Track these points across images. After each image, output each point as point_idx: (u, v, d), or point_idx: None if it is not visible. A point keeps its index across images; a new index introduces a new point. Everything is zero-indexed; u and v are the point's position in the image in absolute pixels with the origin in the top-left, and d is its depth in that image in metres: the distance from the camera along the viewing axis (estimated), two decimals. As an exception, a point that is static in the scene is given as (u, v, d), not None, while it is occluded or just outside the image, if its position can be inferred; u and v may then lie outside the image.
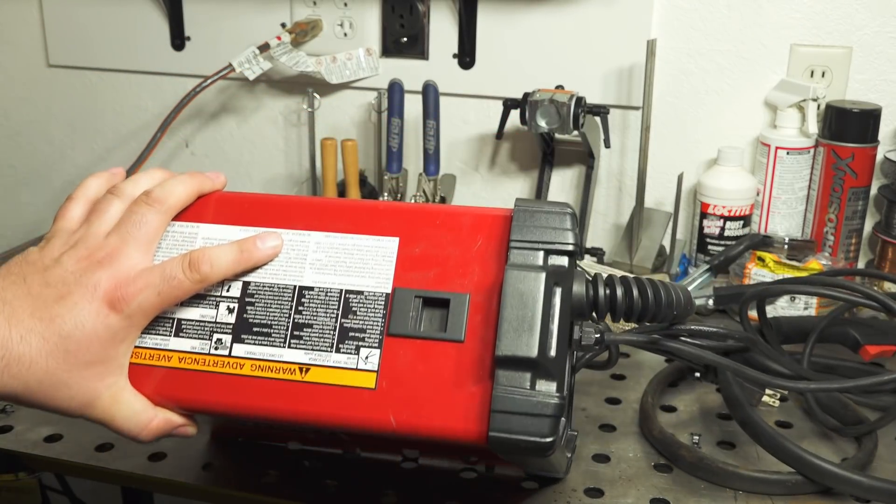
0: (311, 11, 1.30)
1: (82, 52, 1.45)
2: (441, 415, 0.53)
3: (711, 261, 1.12)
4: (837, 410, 0.84)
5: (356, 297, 0.57)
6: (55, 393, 0.52)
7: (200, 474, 0.75)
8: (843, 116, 1.09)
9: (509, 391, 0.52)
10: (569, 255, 0.56)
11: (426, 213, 0.59)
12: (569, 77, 1.21)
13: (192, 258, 0.56)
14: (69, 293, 0.53)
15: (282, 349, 0.57)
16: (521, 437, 0.52)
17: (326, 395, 0.55)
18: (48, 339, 0.51)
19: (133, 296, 0.54)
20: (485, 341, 0.54)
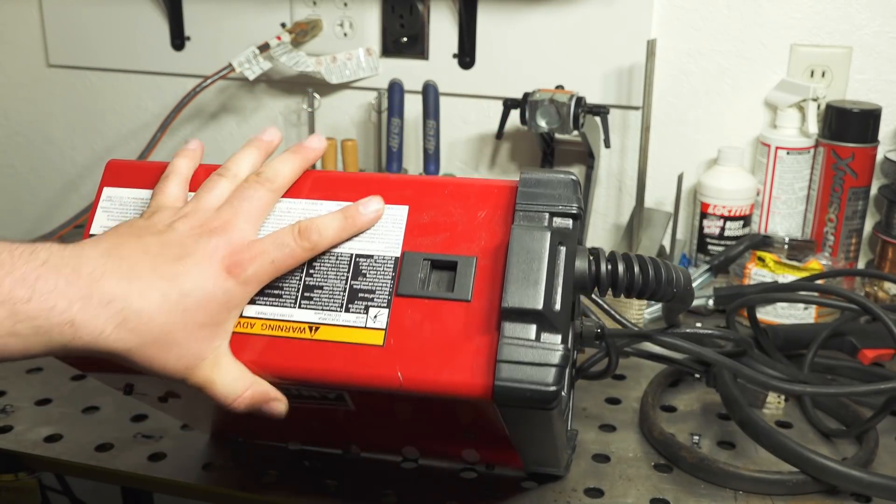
0: (311, 11, 1.30)
1: (82, 52, 1.45)
2: (447, 369, 0.54)
3: (711, 261, 1.12)
4: (837, 411, 0.84)
5: (366, 261, 0.58)
6: (166, 352, 0.52)
7: (200, 474, 0.75)
8: (843, 116, 1.09)
9: (515, 342, 0.53)
10: (573, 218, 0.58)
11: (435, 184, 0.60)
12: (569, 77, 1.21)
13: (301, 228, 0.57)
14: (189, 254, 0.54)
15: (292, 309, 0.58)
16: (527, 385, 0.53)
17: (335, 353, 0.56)
18: (168, 296, 0.52)
19: (249, 262, 0.55)
20: (491, 301, 0.55)
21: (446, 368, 0.54)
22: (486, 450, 0.71)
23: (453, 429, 0.66)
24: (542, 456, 0.70)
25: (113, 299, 0.50)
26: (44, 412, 0.84)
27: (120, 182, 0.64)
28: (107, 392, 0.88)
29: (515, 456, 0.71)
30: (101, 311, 0.49)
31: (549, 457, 0.70)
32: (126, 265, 0.52)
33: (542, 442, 0.65)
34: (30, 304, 0.47)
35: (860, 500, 0.72)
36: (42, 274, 0.48)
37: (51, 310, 0.47)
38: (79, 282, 0.49)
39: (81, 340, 0.49)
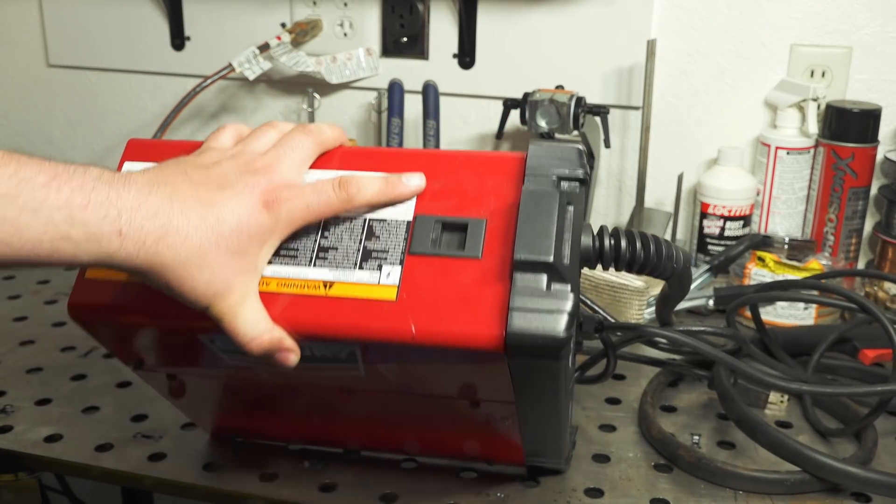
0: (311, 11, 1.30)
1: (82, 52, 1.45)
2: (459, 321, 0.56)
3: (711, 261, 1.12)
4: (838, 411, 0.84)
5: (379, 224, 0.60)
6: (197, 273, 0.54)
7: (200, 474, 0.75)
8: (843, 116, 1.09)
9: (526, 291, 0.55)
10: (580, 182, 0.60)
11: (447, 156, 0.63)
12: (569, 77, 1.21)
13: (342, 179, 0.59)
14: (230, 185, 0.56)
15: (307, 268, 0.59)
16: (538, 331, 0.54)
17: (349, 307, 0.58)
18: (205, 219, 0.54)
19: (285, 200, 0.57)
20: (502, 258, 0.57)
21: (458, 320, 0.56)
22: (488, 437, 0.71)
23: (459, 406, 0.66)
24: (545, 438, 0.69)
25: (157, 213, 0.52)
26: (44, 412, 0.84)
27: (140, 158, 0.65)
28: (107, 392, 0.88)
29: (517, 448, 0.71)
30: (145, 223, 0.52)
31: (552, 440, 0.69)
32: (170, 188, 0.54)
33: (547, 413, 0.65)
34: (86, 212, 0.50)
35: (860, 499, 0.72)
36: (96, 186, 0.51)
37: (103, 218, 0.51)
38: (128, 196, 0.52)
39: (125, 251, 0.52)
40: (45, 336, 1.00)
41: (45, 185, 0.49)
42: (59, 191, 0.50)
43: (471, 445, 0.72)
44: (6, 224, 0.48)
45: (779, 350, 0.91)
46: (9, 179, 0.49)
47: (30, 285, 1.15)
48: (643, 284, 0.97)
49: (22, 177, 0.49)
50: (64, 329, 1.02)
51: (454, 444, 0.73)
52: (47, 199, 0.49)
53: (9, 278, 1.17)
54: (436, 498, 0.71)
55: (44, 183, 0.49)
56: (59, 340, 0.99)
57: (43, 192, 0.49)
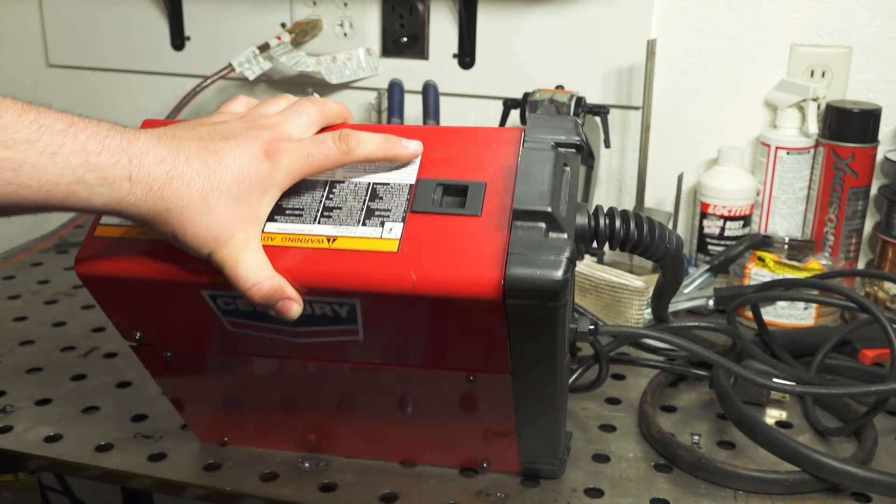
0: (311, 11, 1.30)
1: (82, 52, 1.45)
2: (459, 269, 0.57)
3: (711, 261, 1.12)
4: (839, 411, 0.84)
5: (383, 187, 0.62)
6: (199, 218, 0.57)
7: (200, 474, 0.75)
8: (843, 116, 1.09)
9: (525, 238, 0.57)
10: (576, 149, 0.63)
11: (450, 130, 0.66)
12: (569, 77, 1.21)
13: (342, 132, 0.62)
14: (233, 136, 0.59)
15: (311, 225, 0.61)
16: (536, 275, 0.56)
17: (351, 259, 0.59)
18: (208, 166, 0.57)
19: (286, 150, 0.60)
20: (501, 215, 0.59)
21: (458, 268, 0.57)
22: (484, 433, 0.71)
23: (455, 386, 0.66)
24: (540, 431, 0.69)
25: (163, 160, 0.55)
26: (44, 412, 0.84)
27: None
28: (107, 392, 0.88)
29: (512, 446, 0.71)
30: (152, 169, 0.55)
31: (547, 433, 0.69)
32: (177, 140, 0.57)
33: (543, 393, 0.65)
34: (100, 157, 0.53)
35: (859, 499, 0.72)
36: (110, 134, 0.54)
37: (115, 163, 0.54)
38: (138, 144, 0.55)
39: (133, 197, 0.55)
40: (45, 336, 1.00)
41: (63, 132, 0.53)
42: (76, 137, 0.53)
43: (466, 443, 0.72)
44: (27, 167, 0.51)
45: (780, 350, 0.91)
46: (29, 125, 0.52)
47: (30, 285, 1.15)
48: (643, 284, 0.97)
49: (42, 123, 0.52)
50: (64, 329, 1.02)
51: (449, 442, 0.73)
52: (65, 144, 0.53)
53: (9, 278, 1.17)
54: (436, 498, 0.71)
55: (62, 130, 0.53)
56: (59, 340, 0.99)
57: (61, 137, 0.53)
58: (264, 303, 0.59)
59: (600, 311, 1.00)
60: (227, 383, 0.73)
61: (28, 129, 0.52)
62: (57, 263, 1.23)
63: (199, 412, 0.77)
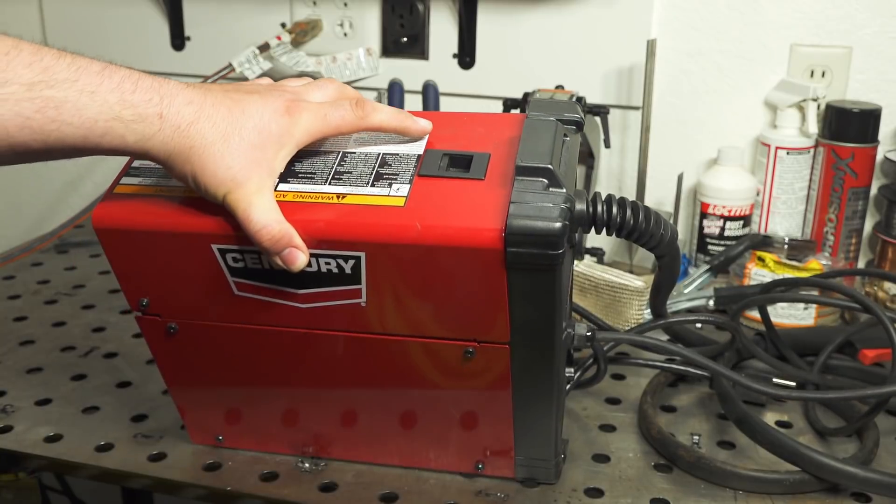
0: (311, 11, 1.30)
1: (82, 52, 1.45)
2: (462, 220, 0.60)
3: (711, 261, 1.12)
4: (841, 410, 0.84)
5: (392, 157, 0.66)
6: (220, 158, 0.60)
7: (200, 474, 0.75)
8: (843, 116, 1.09)
9: (526, 191, 0.60)
10: (576, 125, 0.67)
11: (455, 114, 0.71)
12: (569, 77, 1.21)
13: (359, 99, 0.66)
14: (258, 92, 0.63)
15: (322, 186, 0.64)
16: (536, 222, 0.58)
17: (358, 211, 0.62)
18: (232, 111, 0.61)
19: (305, 109, 0.63)
20: (504, 178, 0.62)
21: (461, 219, 0.60)
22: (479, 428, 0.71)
23: (454, 354, 0.66)
24: (536, 425, 0.69)
25: (192, 101, 0.59)
26: (44, 412, 0.84)
27: None
28: (107, 392, 0.88)
29: (509, 449, 0.71)
30: (182, 108, 0.59)
31: (543, 428, 0.69)
32: (204, 89, 0.61)
33: (541, 378, 0.66)
34: (134, 95, 0.57)
35: (859, 499, 0.72)
36: (142, 76, 0.58)
37: (148, 101, 0.57)
38: (168, 86, 0.59)
39: (163, 134, 0.58)
40: (45, 336, 1.00)
41: (100, 73, 0.56)
42: (111, 77, 0.57)
43: (462, 444, 0.72)
44: (68, 104, 0.55)
45: (787, 349, 0.91)
46: (68, 66, 0.55)
47: (30, 285, 1.15)
48: (643, 284, 0.97)
49: (79, 65, 0.56)
50: (64, 329, 1.02)
51: (445, 443, 0.73)
52: (102, 83, 0.56)
53: (9, 278, 1.17)
54: (436, 498, 0.71)
55: (98, 71, 0.56)
56: (59, 340, 0.99)
57: (98, 77, 0.56)
58: (272, 247, 0.61)
59: (600, 312, 1.00)
60: (228, 364, 0.73)
61: (68, 70, 0.55)
62: (57, 263, 1.23)
63: (196, 402, 0.76)
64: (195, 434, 0.78)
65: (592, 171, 1.20)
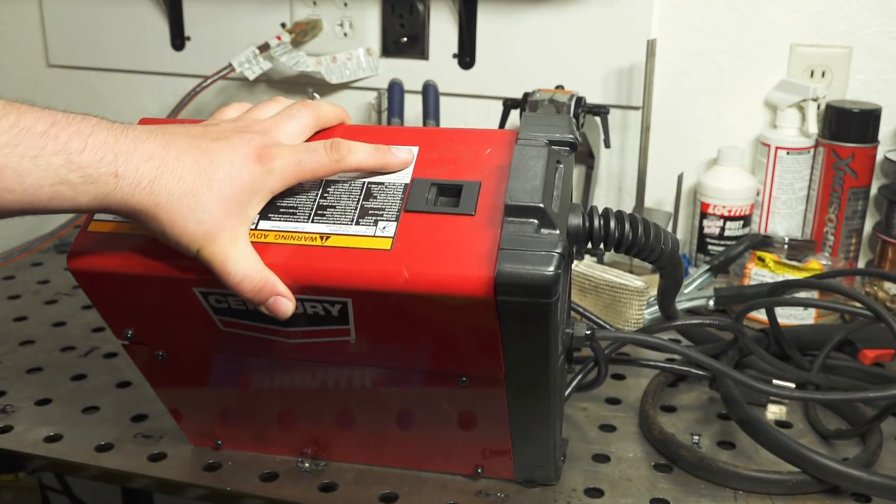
0: (311, 11, 1.30)
1: (82, 52, 1.45)
2: (451, 266, 0.57)
3: (711, 261, 1.12)
4: (843, 411, 0.83)
5: (377, 186, 0.63)
6: (189, 213, 0.57)
7: (200, 474, 0.75)
8: (843, 116, 1.09)
9: (516, 234, 0.57)
10: (569, 147, 0.63)
11: (444, 131, 0.67)
12: (569, 77, 1.21)
13: (333, 142, 0.62)
14: (226, 138, 0.60)
15: (305, 224, 0.61)
16: (527, 269, 0.56)
17: (344, 256, 0.59)
18: (199, 163, 0.57)
19: (278, 156, 0.60)
20: (494, 214, 0.59)
21: (450, 266, 0.57)
22: (477, 437, 0.70)
23: (447, 389, 0.66)
24: (534, 433, 0.69)
25: (152, 157, 0.56)
26: (44, 412, 0.84)
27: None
28: (107, 392, 0.88)
29: (508, 453, 0.71)
30: (141, 165, 0.55)
31: (540, 437, 0.69)
32: (167, 137, 0.58)
33: (537, 384, 0.65)
34: (83, 155, 0.53)
35: (860, 500, 0.72)
36: (94, 131, 0.54)
37: (100, 161, 0.54)
38: (125, 140, 0.55)
39: (121, 192, 0.55)
40: (45, 336, 1.00)
41: (44, 134, 0.53)
42: (57, 137, 0.53)
43: (460, 449, 0.72)
44: (8, 171, 0.52)
45: (792, 349, 0.91)
46: (9, 129, 0.52)
47: (30, 285, 1.15)
48: (643, 284, 0.97)
49: (22, 126, 0.52)
50: (64, 329, 1.02)
51: (443, 448, 0.73)
52: (46, 146, 0.52)
53: (9, 278, 1.17)
54: (435, 498, 0.71)
55: (42, 132, 0.53)
56: (59, 340, 0.99)
57: (42, 140, 0.52)
58: (254, 297, 0.59)
59: (600, 312, 1.00)
60: (220, 385, 0.73)
61: (8, 134, 0.52)
62: (57, 263, 1.23)
63: (192, 414, 0.76)
64: (193, 439, 0.78)
65: (592, 171, 1.20)
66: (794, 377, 0.85)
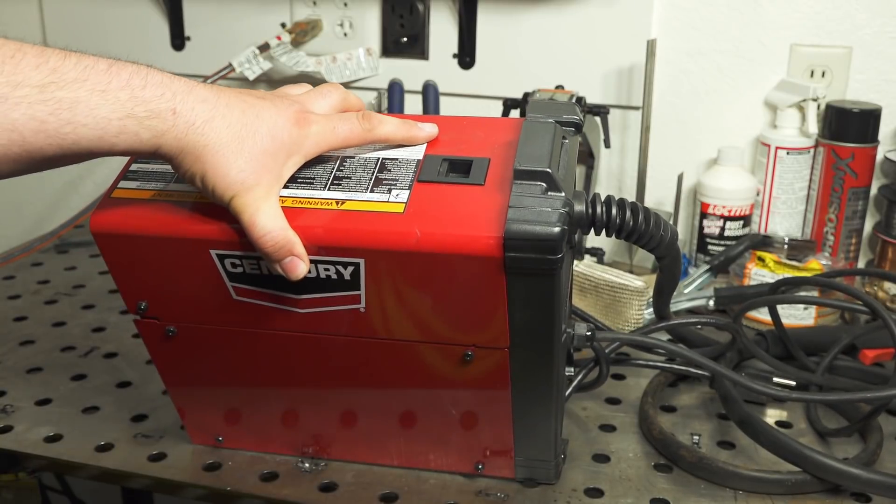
0: (311, 11, 1.30)
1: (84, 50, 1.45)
2: (461, 227, 0.60)
3: (711, 261, 1.12)
4: (848, 411, 0.83)
5: (391, 161, 0.66)
6: (233, 158, 0.59)
7: (200, 474, 0.75)
8: (843, 116, 1.09)
9: (524, 195, 0.60)
10: (575, 127, 0.66)
11: (457, 119, 0.70)
12: (569, 77, 1.21)
13: (365, 112, 0.66)
14: (269, 99, 0.63)
15: (322, 191, 0.64)
16: (535, 227, 0.58)
17: (358, 217, 0.62)
18: (245, 114, 0.60)
19: (315, 121, 0.63)
20: (503, 184, 0.62)
21: (460, 226, 0.60)
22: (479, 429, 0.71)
23: (451, 363, 0.66)
24: (538, 425, 0.69)
25: (206, 100, 0.59)
26: (44, 412, 0.84)
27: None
28: (107, 392, 0.88)
29: (509, 449, 0.71)
30: (196, 105, 0.58)
31: (542, 429, 0.69)
32: (216, 88, 0.61)
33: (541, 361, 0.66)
34: (145, 91, 0.56)
35: (860, 500, 0.72)
36: (150, 72, 0.58)
37: (160, 97, 0.57)
38: (179, 83, 0.58)
39: (177, 130, 0.57)
40: (45, 336, 1.00)
41: (107, 70, 0.56)
42: (119, 74, 0.56)
43: (462, 444, 0.72)
44: (81, 105, 0.54)
45: (796, 348, 0.91)
46: (75, 66, 0.54)
47: (30, 285, 1.15)
48: (643, 285, 0.97)
49: (86, 64, 0.55)
50: (64, 329, 1.02)
51: (445, 443, 0.73)
52: (111, 81, 0.55)
53: (9, 278, 1.17)
54: (436, 498, 0.71)
55: (105, 68, 0.56)
56: (59, 340, 0.99)
57: (106, 75, 0.55)
58: (274, 253, 0.61)
59: (600, 312, 1.00)
60: (227, 367, 0.73)
61: (75, 70, 0.54)
62: (57, 263, 1.22)
63: (196, 403, 0.76)
64: (195, 434, 0.78)
65: (592, 171, 1.20)
66: (797, 378, 0.85)
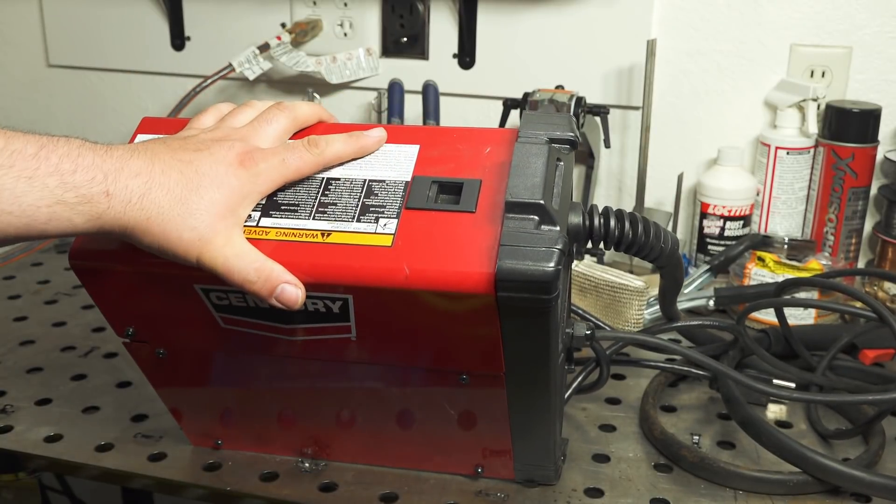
0: (311, 11, 1.30)
1: (82, 52, 1.45)
2: (451, 262, 0.57)
3: (711, 261, 1.12)
4: (849, 411, 0.83)
5: (378, 185, 0.63)
6: (182, 222, 0.58)
7: (200, 474, 0.75)
8: (843, 116, 1.09)
9: (516, 231, 0.57)
10: (570, 145, 0.63)
11: (445, 130, 0.66)
12: (569, 77, 1.21)
13: (310, 138, 0.64)
14: (207, 148, 0.61)
15: (306, 221, 0.62)
16: (528, 265, 0.56)
17: (345, 253, 0.60)
18: (185, 174, 0.58)
19: (261, 159, 0.61)
20: (495, 211, 0.59)
21: (450, 262, 0.57)
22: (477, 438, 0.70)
23: (447, 389, 0.66)
24: (537, 430, 0.69)
25: (139, 173, 0.57)
26: (44, 412, 0.84)
27: (153, 132, 0.67)
28: (107, 392, 0.88)
29: (508, 453, 0.71)
30: (129, 181, 0.56)
31: (543, 433, 0.69)
32: (150, 153, 0.59)
33: (537, 382, 0.65)
34: (75, 176, 0.54)
35: (861, 500, 0.71)
36: (82, 152, 0.55)
37: (91, 180, 0.55)
38: (111, 160, 0.56)
39: (114, 210, 0.56)
40: (45, 336, 1.00)
41: (35, 156, 0.54)
42: (48, 159, 0.54)
43: (460, 448, 0.72)
44: (6, 193, 0.53)
45: (799, 346, 0.90)
46: (1, 152, 0.53)
47: (30, 285, 1.15)
48: (643, 284, 0.97)
49: (12, 149, 0.53)
50: (64, 329, 1.02)
51: (443, 448, 0.73)
52: (39, 167, 0.53)
53: (9, 278, 1.17)
54: (435, 498, 0.71)
55: (33, 154, 0.54)
56: (59, 340, 0.99)
57: (34, 161, 0.53)
58: (262, 289, 0.59)
59: (600, 312, 1.00)
60: (220, 383, 0.73)
61: (1, 157, 0.52)
62: (57, 263, 1.22)
63: (192, 413, 0.76)
64: (193, 439, 0.78)
65: (592, 171, 1.20)
66: (797, 378, 0.85)
